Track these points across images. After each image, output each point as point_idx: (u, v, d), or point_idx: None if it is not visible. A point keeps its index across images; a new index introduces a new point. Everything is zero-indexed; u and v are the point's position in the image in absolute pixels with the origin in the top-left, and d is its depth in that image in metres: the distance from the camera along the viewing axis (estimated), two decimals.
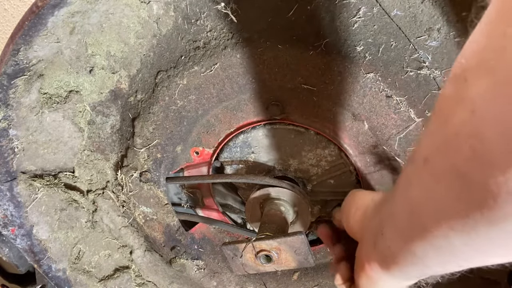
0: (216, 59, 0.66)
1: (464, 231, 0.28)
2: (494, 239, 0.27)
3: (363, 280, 0.49)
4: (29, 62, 0.60)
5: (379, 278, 0.46)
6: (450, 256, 0.32)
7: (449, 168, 0.28)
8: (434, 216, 0.31)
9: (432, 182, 0.30)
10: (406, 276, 0.43)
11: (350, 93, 0.64)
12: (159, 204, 0.81)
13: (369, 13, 0.56)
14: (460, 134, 0.26)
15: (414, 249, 0.36)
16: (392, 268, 0.43)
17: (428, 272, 0.39)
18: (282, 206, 0.74)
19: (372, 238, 0.46)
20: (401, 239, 0.38)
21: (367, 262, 0.47)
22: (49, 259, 0.76)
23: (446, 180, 0.28)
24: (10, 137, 0.66)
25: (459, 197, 0.27)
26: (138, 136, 0.73)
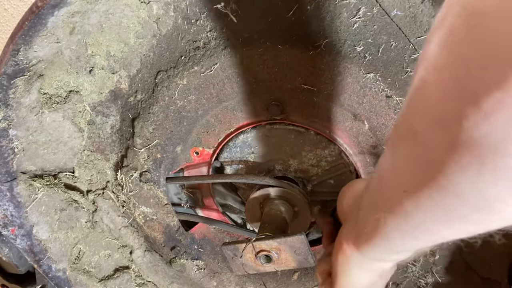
0: (216, 59, 0.66)
1: (414, 192, 0.29)
2: (441, 204, 0.27)
3: (339, 259, 0.50)
4: (29, 62, 0.60)
5: (353, 258, 0.47)
6: (405, 223, 0.33)
7: (406, 127, 0.29)
8: (393, 181, 0.33)
9: (395, 146, 0.32)
10: (376, 254, 0.44)
11: (350, 93, 0.64)
12: (159, 204, 0.81)
13: (369, 13, 0.56)
14: (415, 90, 0.27)
15: (379, 218, 0.37)
16: (363, 246, 0.44)
17: (394, 247, 0.40)
18: (282, 206, 0.74)
19: (355, 216, 0.47)
20: (371, 210, 0.40)
21: (345, 241, 0.48)
22: (49, 259, 0.76)
23: (404, 141, 0.30)
24: (10, 137, 0.66)
25: (411, 158, 0.29)
26: (138, 136, 0.73)
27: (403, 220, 0.33)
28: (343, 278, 0.50)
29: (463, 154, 0.23)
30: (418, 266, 0.75)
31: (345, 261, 0.49)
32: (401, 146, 0.30)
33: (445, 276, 0.74)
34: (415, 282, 0.77)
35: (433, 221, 0.30)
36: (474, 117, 0.21)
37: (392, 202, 0.33)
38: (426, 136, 0.26)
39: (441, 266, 0.74)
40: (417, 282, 0.77)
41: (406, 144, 0.29)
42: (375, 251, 0.43)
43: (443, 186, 0.26)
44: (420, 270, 0.76)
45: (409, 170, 0.29)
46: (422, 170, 0.28)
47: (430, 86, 0.25)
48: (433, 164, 0.26)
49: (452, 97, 0.23)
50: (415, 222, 0.32)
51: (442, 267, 0.74)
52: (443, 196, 0.27)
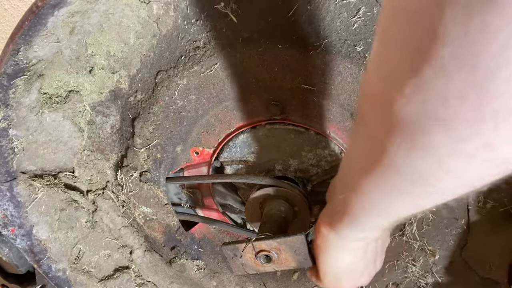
0: (216, 59, 0.66)
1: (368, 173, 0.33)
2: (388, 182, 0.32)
3: (318, 242, 0.52)
4: (29, 62, 0.60)
5: (329, 238, 0.49)
6: (365, 200, 0.37)
7: (359, 112, 0.34)
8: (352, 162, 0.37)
9: (353, 130, 0.38)
10: (348, 233, 0.46)
11: (350, 93, 0.64)
12: (159, 204, 0.81)
13: (369, 13, 0.56)
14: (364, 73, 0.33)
15: (344, 197, 0.40)
16: (337, 225, 0.47)
17: (361, 224, 0.43)
18: (282, 206, 0.74)
19: (329, 199, 0.51)
20: (340, 189, 0.43)
21: (322, 223, 0.50)
22: (49, 259, 0.76)
23: (358, 124, 0.35)
24: (10, 137, 0.66)
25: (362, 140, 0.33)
26: (138, 136, 0.73)
27: (362, 197, 0.37)
28: (324, 260, 0.52)
29: (396, 134, 0.27)
30: (418, 266, 0.75)
31: (323, 243, 0.51)
32: (357, 130, 0.35)
33: (445, 276, 0.74)
34: (415, 282, 0.77)
35: (385, 197, 0.34)
36: (400, 100, 0.25)
37: (354, 181, 0.37)
38: (371, 120, 0.30)
39: (441, 266, 0.74)
40: (417, 282, 0.77)
41: (360, 128, 0.34)
42: (346, 229, 0.45)
43: (386, 164, 0.30)
44: (420, 270, 0.76)
45: (363, 151, 0.34)
46: (371, 151, 0.32)
47: (370, 73, 0.30)
48: (378, 145, 0.29)
49: (383, 82, 0.27)
50: (371, 199, 0.36)
51: (442, 267, 0.74)
52: (388, 174, 0.31)
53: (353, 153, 0.38)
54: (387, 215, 0.37)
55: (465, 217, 0.70)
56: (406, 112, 0.25)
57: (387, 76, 0.27)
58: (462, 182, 0.27)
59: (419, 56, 0.23)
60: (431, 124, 0.24)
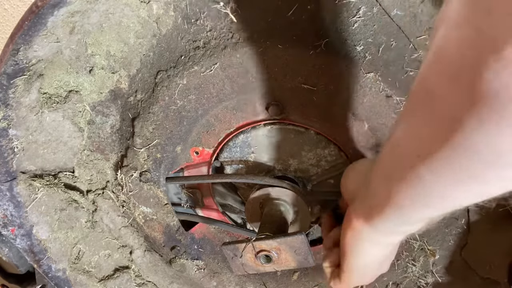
0: (216, 59, 0.66)
1: (429, 157, 0.29)
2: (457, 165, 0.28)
3: (348, 236, 0.49)
4: (29, 62, 0.60)
5: (364, 233, 0.47)
6: (419, 189, 0.33)
7: (422, 91, 0.30)
8: (406, 148, 0.33)
9: (410, 112, 0.32)
10: (388, 226, 0.44)
11: (350, 93, 0.64)
12: (159, 204, 0.81)
13: (369, 12, 0.56)
14: (433, 51, 0.27)
15: (391, 188, 0.37)
16: (375, 219, 0.43)
17: (406, 216, 0.40)
18: (282, 206, 0.74)
19: (363, 192, 0.47)
20: (382, 180, 0.40)
21: (354, 217, 0.48)
22: (49, 259, 0.76)
23: (419, 105, 0.30)
24: (10, 137, 0.66)
25: (427, 120, 0.29)
26: (138, 136, 0.73)
27: (416, 186, 0.33)
28: (353, 254, 0.49)
29: (483, 108, 0.23)
30: (418, 266, 0.75)
31: (355, 237, 0.48)
32: (417, 111, 0.31)
33: (445, 276, 0.74)
34: (415, 282, 0.77)
35: (447, 184, 0.30)
36: (495, 66, 0.21)
37: (405, 169, 0.33)
38: (445, 94, 0.26)
39: (441, 266, 0.74)
40: (417, 282, 0.77)
41: (423, 107, 0.30)
42: (387, 222, 0.42)
43: (460, 144, 0.26)
44: (420, 270, 0.76)
45: (425, 133, 0.30)
46: (438, 131, 0.28)
47: (449, 42, 0.25)
48: (451, 122, 0.26)
49: (472, 48, 0.23)
50: (429, 188, 0.32)
51: (442, 267, 0.74)
52: (459, 155, 0.27)
53: (405, 137, 0.33)
54: (442, 205, 0.34)
55: (465, 217, 0.70)
56: (503, 80, 0.21)
57: (477, 35, 0.22)
58: None
59: None
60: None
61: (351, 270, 0.52)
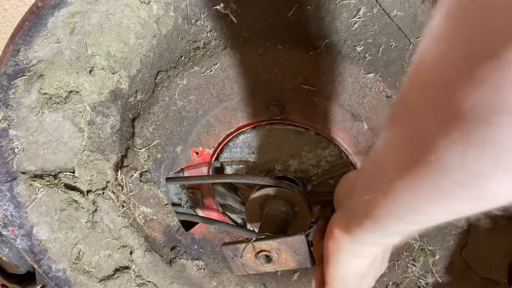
0: (216, 59, 0.66)
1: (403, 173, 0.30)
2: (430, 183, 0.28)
3: (329, 246, 0.49)
4: (29, 62, 0.60)
5: (343, 243, 0.47)
6: (394, 204, 0.33)
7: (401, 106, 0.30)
8: (384, 162, 0.34)
9: (389, 127, 0.33)
10: (366, 238, 0.44)
11: (350, 93, 0.64)
12: (159, 204, 0.81)
13: (369, 13, 0.56)
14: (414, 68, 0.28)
15: (370, 200, 0.37)
16: (354, 229, 0.44)
17: (383, 229, 0.40)
18: (282, 206, 0.74)
19: (345, 203, 0.47)
20: (362, 192, 0.40)
21: (335, 226, 0.48)
22: (49, 259, 0.76)
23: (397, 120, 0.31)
24: (10, 137, 0.66)
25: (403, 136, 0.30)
26: (138, 136, 0.73)
27: (392, 200, 0.33)
28: (335, 265, 0.50)
29: (453, 128, 0.23)
30: (418, 266, 0.75)
31: (335, 247, 0.48)
32: (395, 125, 0.31)
33: (445, 276, 0.74)
34: (415, 282, 0.77)
35: (420, 200, 0.30)
36: (466, 87, 0.21)
37: (382, 182, 0.34)
38: (419, 111, 0.27)
39: (441, 266, 0.74)
40: (417, 282, 0.77)
41: (401, 121, 0.30)
42: (366, 234, 0.43)
43: (431, 162, 0.26)
44: (420, 270, 0.76)
45: (401, 148, 0.30)
46: (413, 147, 0.28)
47: (426, 58, 0.26)
48: (424, 140, 0.26)
49: (446, 67, 0.23)
50: (403, 202, 0.32)
51: (442, 267, 0.74)
52: (431, 173, 0.27)
53: (385, 150, 0.34)
54: (418, 221, 0.34)
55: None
56: (471, 102, 0.21)
57: (449, 59, 0.23)
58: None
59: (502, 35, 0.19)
60: (500, 117, 0.21)
61: (333, 282, 0.52)
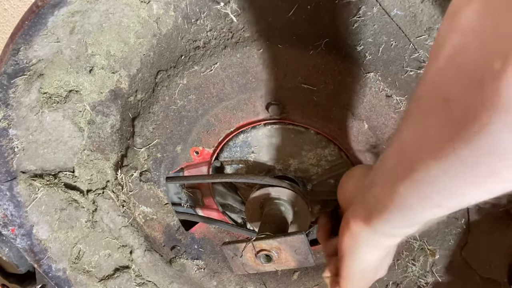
0: (216, 59, 0.66)
1: (445, 159, 0.29)
2: (475, 163, 0.28)
3: (346, 240, 0.49)
4: (29, 61, 0.60)
5: (362, 235, 0.47)
6: (430, 189, 0.33)
7: (436, 95, 0.30)
8: (419, 151, 0.33)
9: (420, 116, 0.32)
10: (387, 228, 0.44)
11: (350, 92, 0.64)
12: (159, 204, 0.81)
13: (369, 12, 0.56)
14: (448, 58, 0.28)
15: (398, 189, 0.36)
16: (374, 221, 0.44)
17: (410, 218, 0.39)
18: (282, 205, 0.74)
19: (361, 195, 0.47)
20: (387, 182, 0.39)
21: (352, 219, 0.48)
22: (49, 259, 0.76)
23: (433, 109, 0.30)
24: (10, 136, 0.66)
25: (443, 126, 0.29)
26: (138, 135, 0.73)
27: (427, 186, 0.33)
28: (351, 258, 0.50)
29: (497, 116, 0.23)
30: (418, 266, 0.75)
31: (353, 239, 0.48)
32: (428, 115, 0.31)
33: (445, 276, 0.74)
34: (415, 281, 0.77)
35: (462, 183, 0.30)
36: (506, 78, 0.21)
37: (415, 170, 0.33)
38: (464, 100, 0.26)
39: (441, 266, 0.74)
40: (417, 281, 0.77)
41: (436, 111, 0.29)
42: (387, 224, 0.42)
43: (483, 145, 0.26)
44: (420, 269, 0.76)
45: (439, 134, 0.29)
46: (457, 133, 0.27)
47: (468, 51, 0.25)
48: (471, 124, 0.26)
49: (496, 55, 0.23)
50: (441, 186, 0.32)
51: (442, 266, 0.74)
52: (481, 155, 0.27)
53: (415, 140, 0.33)
54: (452, 204, 0.34)
55: (465, 216, 0.70)
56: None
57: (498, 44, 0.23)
58: None
59: None
60: None
61: (349, 275, 0.52)
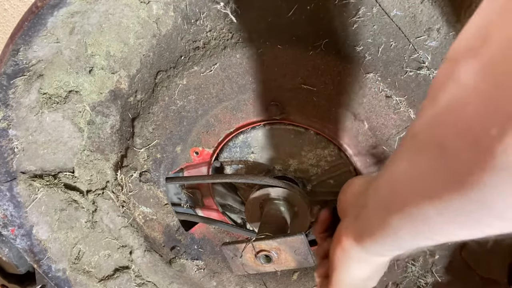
0: (216, 59, 0.66)
1: (439, 201, 0.29)
2: (467, 212, 0.28)
3: (337, 254, 0.50)
4: (29, 62, 0.60)
5: (352, 252, 0.47)
6: (423, 226, 0.33)
7: (432, 140, 0.30)
8: (413, 188, 0.33)
9: (415, 155, 0.32)
10: (379, 249, 0.44)
11: (349, 93, 0.64)
12: (158, 204, 0.81)
13: (368, 13, 0.56)
14: (446, 107, 0.28)
15: (390, 220, 0.37)
16: (366, 241, 0.44)
17: (401, 245, 0.40)
18: (281, 206, 0.74)
19: (355, 212, 0.48)
20: (380, 211, 0.40)
21: (344, 235, 0.48)
22: (49, 259, 0.76)
23: (428, 152, 0.30)
24: (10, 137, 0.66)
25: (437, 169, 0.29)
26: (138, 136, 0.73)
27: (421, 224, 0.33)
28: (341, 271, 0.50)
29: (500, 175, 0.23)
30: (418, 266, 0.75)
31: (343, 255, 0.49)
32: (422, 155, 0.31)
33: (445, 276, 0.74)
34: (415, 282, 0.77)
35: (454, 225, 0.30)
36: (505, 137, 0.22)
37: (409, 206, 0.33)
38: (458, 152, 0.26)
39: (441, 266, 0.74)
40: (417, 282, 0.77)
41: (430, 154, 0.29)
42: (379, 247, 0.43)
43: (473, 198, 0.26)
44: (420, 270, 0.76)
45: (434, 178, 0.29)
46: (450, 180, 0.28)
47: (468, 108, 0.25)
48: (465, 177, 0.26)
49: (493, 122, 0.23)
50: (433, 225, 0.32)
51: (442, 267, 0.74)
52: (471, 206, 0.27)
53: (408, 177, 0.34)
54: (442, 239, 0.34)
55: None
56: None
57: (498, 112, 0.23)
58: None
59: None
60: None
61: (338, 285, 0.53)
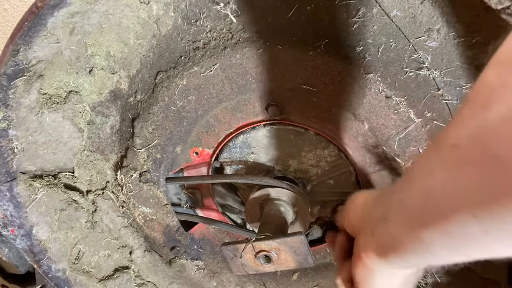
0: (216, 60, 0.66)
1: (488, 218, 0.28)
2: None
3: (359, 269, 0.49)
4: (29, 62, 0.60)
5: (375, 266, 0.46)
6: (462, 243, 0.32)
7: (482, 152, 0.28)
8: (454, 202, 0.31)
9: (458, 166, 0.30)
10: (404, 263, 0.43)
11: (349, 93, 0.64)
12: (158, 205, 0.81)
13: (368, 13, 0.56)
14: (502, 118, 0.26)
15: (422, 235, 0.35)
16: (390, 255, 0.43)
17: (431, 260, 0.39)
18: (281, 206, 0.74)
19: (371, 227, 0.46)
20: (408, 225, 0.38)
21: (363, 251, 0.47)
22: (49, 259, 0.76)
23: (478, 164, 0.28)
24: (9, 137, 0.66)
25: (489, 182, 0.27)
26: (138, 136, 0.73)
27: (460, 240, 0.32)
28: (367, 286, 0.49)
29: None
30: None
31: (367, 272, 0.48)
32: (469, 167, 0.29)
33: (445, 276, 0.74)
34: None
35: (496, 243, 0.29)
36: None
37: (448, 222, 0.32)
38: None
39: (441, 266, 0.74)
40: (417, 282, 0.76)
41: (481, 166, 0.28)
42: (405, 261, 0.42)
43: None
44: None
45: (484, 191, 0.28)
46: (505, 194, 0.26)
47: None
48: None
49: None
50: (477, 243, 0.30)
51: (442, 267, 0.74)
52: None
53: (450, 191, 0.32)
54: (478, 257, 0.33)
55: None
56: None
57: None
58: None
59: None
60: None
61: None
